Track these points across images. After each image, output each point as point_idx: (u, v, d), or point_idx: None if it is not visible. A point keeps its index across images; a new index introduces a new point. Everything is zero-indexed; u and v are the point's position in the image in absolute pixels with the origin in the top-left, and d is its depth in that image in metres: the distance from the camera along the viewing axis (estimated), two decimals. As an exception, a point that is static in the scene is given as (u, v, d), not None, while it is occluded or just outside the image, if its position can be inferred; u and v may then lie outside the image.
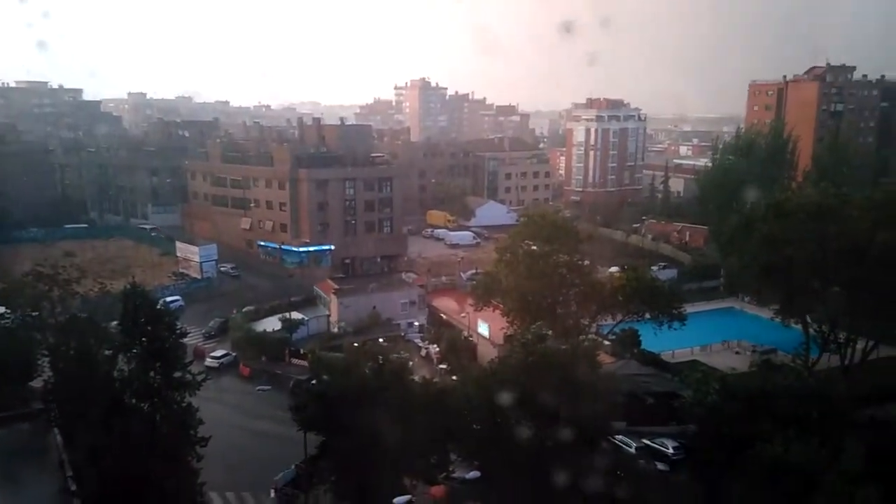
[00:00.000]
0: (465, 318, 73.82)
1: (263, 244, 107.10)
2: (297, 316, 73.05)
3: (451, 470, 43.04)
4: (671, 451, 49.21)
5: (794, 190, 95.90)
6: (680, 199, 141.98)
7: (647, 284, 63.08)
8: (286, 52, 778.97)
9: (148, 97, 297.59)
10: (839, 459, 32.24)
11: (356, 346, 51.01)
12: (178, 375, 38.47)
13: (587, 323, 63.47)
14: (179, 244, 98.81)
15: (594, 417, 39.87)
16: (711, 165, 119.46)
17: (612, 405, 43.56)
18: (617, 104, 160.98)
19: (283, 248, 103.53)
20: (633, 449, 50.25)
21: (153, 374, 37.98)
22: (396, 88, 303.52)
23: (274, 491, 43.86)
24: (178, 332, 39.84)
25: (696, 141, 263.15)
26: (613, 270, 75.28)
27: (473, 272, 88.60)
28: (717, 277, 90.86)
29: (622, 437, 50.68)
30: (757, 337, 71.14)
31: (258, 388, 58.27)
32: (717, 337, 72.39)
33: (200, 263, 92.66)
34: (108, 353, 42.26)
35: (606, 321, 65.76)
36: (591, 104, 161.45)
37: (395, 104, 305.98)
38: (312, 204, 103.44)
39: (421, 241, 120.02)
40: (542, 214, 79.30)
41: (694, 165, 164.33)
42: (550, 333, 43.29)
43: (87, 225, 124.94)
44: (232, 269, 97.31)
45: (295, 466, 44.87)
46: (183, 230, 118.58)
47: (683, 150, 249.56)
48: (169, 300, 72.37)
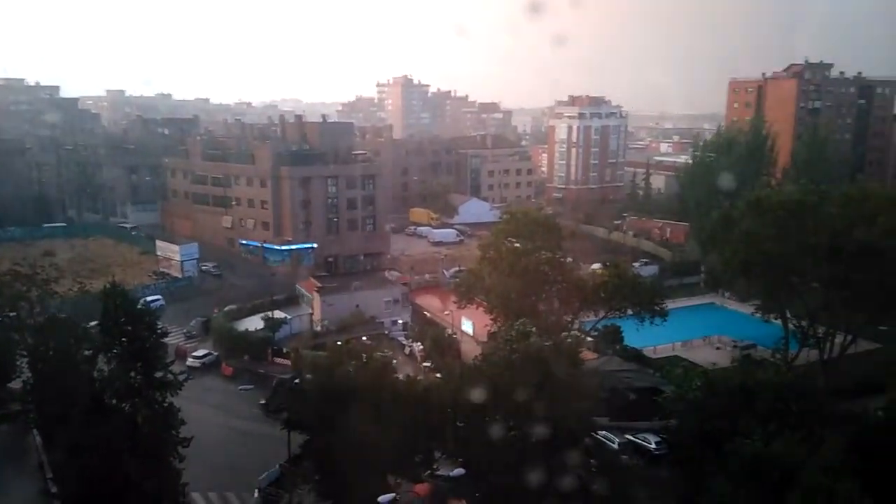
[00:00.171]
0: (448, 315, 73.85)
1: (245, 243, 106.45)
2: (279, 315, 72.69)
3: (435, 468, 43.02)
4: (653, 446, 49.59)
5: (773, 186, 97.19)
6: (661, 195, 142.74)
7: (628, 281, 63.36)
8: (267, 49, 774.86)
9: (127, 94, 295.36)
10: (819, 453, 32.59)
11: (339, 344, 50.65)
12: (159, 375, 38.14)
13: (570, 319, 63.67)
14: (160, 243, 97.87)
15: (577, 413, 40.10)
16: (692, 162, 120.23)
17: (595, 401, 43.85)
18: (599, 101, 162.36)
19: (265, 246, 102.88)
20: (616, 444, 50.57)
21: (134, 374, 37.56)
22: (379, 86, 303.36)
23: (258, 491, 43.61)
24: (158, 331, 39.56)
25: (677, 138, 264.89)
26: (595, 267, 75.54)
27: (457, 270, 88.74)
28: (697, 273, 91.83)
29: (605, 432, 50.98)
30: (737, 332, 71.97)
31: (241, 387, 57.81)
32: (698, 332, 73.25)
33: (181, 262, 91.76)
34: (87, 353, 41.65)
35: (589, 317, 66.03)
36: (573, 102, 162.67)
37: (377, 101, 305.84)
38: (294, 202, 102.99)
39: (404, 238, 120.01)
40: (524, 212, 79.53)
41: (675, 162, 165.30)
42: (534, 330, 43.38)
43: (65, 224, 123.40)
44: (213, 267, 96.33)
45: (279, 466, 44.66)
46: (163, 229, 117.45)
47: (664, 147, 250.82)
48: (150, 299, 71.98)
